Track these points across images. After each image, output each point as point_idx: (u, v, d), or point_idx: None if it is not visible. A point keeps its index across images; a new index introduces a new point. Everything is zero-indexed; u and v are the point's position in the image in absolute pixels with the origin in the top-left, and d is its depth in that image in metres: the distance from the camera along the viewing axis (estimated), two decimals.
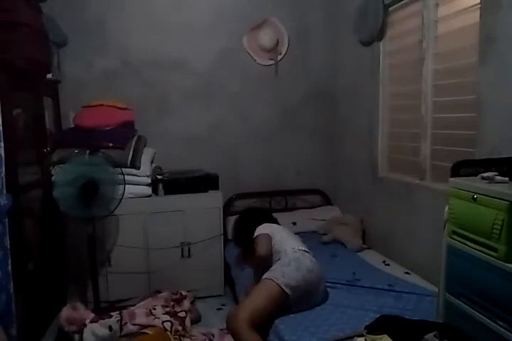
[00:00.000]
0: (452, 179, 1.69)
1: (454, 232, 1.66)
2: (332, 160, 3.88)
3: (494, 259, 1.44)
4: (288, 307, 2.13)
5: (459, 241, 1.63)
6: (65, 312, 2.45)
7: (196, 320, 2.73)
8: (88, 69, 3.35)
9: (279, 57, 3.69)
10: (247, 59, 3.64)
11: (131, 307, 2.53)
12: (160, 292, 2.78)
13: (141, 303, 2.60)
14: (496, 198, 1.42)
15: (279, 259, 2.28)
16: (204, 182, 3.20)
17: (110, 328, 2.33)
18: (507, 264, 1.39)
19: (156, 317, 2.43)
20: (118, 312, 2.44)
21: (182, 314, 2.57)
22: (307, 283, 2.16)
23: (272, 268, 2.24)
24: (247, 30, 3.60)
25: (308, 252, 2.34)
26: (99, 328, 2.33)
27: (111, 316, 2.40)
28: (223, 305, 2.99)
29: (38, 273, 2.54)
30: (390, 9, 2.97)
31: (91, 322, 2.37)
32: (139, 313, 2.44)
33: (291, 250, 2.29)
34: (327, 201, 3.91)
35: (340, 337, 1.85)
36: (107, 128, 3.05)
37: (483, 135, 2.12)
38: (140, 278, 2.97)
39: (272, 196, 3.78)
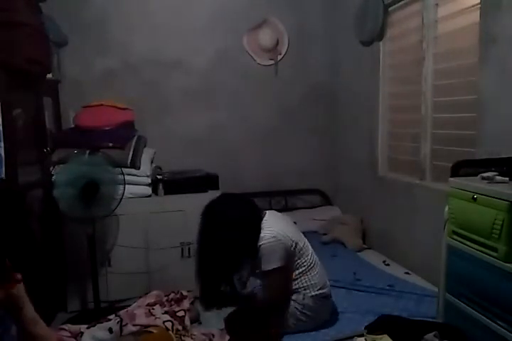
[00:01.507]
0: (452, 179, 1.69)
1: (454, 232, 1.66)
2: (332, 160, 3.88)
3: (494, 259, 1.44)
4: None
5: (459, 241, 1.63)
6: None
7: (195, 320, 2.72)
8: (88, 69, 3.36)
9: (279, 57, 3.70)
10: (247, 59, 3.64)
11: (128, 308, 2.52)
12: None
13: (135, 304, 2.59)
14: (496, 198, 1.42)
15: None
16: (204, 182, 3.20)
17: (110, 330, 2.31)
18: (507, 264, 1.39)
19: (157, 317, 2.42)
20: (114, 314, 2.43)
21: (181, 313, 2.56)
22: (318, 324, 1.98)
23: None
24: (246, 30, 3.60)
25: (329, 295, 2.01)
26: (99, 331, 2.31)
27: (109, 320, 2.39)
28: None
29: (38, 274, 2.53)
30: (390, 9, 2.97)
31: (88, 328, 2.35)
32: (139, 314, 2.42)
33: (309, 298, 1.92)
34: (327, 201, 3.92)
35: (340, 337, 1.85)
36: (107, 128, 3.05)
37: (483, 135, 2.12)
38: (140, 278, 2.96)
39: (272, 196, 3.78)
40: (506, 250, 1.39)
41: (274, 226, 1.87)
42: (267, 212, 1.98)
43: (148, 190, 3.02)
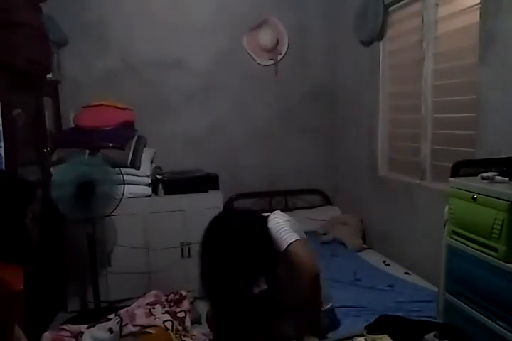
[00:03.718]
0: (452, 179, 1.69)
1: (454, 232, 1.66)
2: (332, 160, 3.88)
3: (494, 259, 1.44)
4: None
5: (459, 241, 1.63)
6: (49, 335, 2.29)
7: (196, 320, 2.72)
8: (88, 69, 3.36)
9: (279, 57, 3.69)
10: (247, 59, 3.64)
11: (128, 308, 2.51)
12: None
13: (134, 304, 2.59)
14: (496, 198, 1.42)
15: None
16: (204, 182, 3.20)
17: (111, 330, 2.31)
18: (507, 264, 1.39)
19: (157, 317, 2.42)
20: (114, 314, 2.42)
21: (181, 314, 2.56)
22: None
23: None
24: (247, 30, 3.60)
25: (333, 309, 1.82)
26: (99, 331, 2.30)
27: (109, 319, 2.38)
28: None
29: (38, 273, 2.53)
30: (390, 9, 2.97)
31: (88, 328, 2.35)
32: (139, 314, 2.43)
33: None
34: (327, 201, 3.91)
35: (340, 337, 1.85)
36: (107, 128, 3.05)
37: (483, 135, 2.12)
38: (140, 278, 2.96)
39: (272, 196, 3.78)
40: (506, 250, 1.39)
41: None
42: (272, 214, 1.67)
43: (148, 190, 3.03)
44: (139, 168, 2.98)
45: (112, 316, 2.40)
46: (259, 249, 1.41)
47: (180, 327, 2.44)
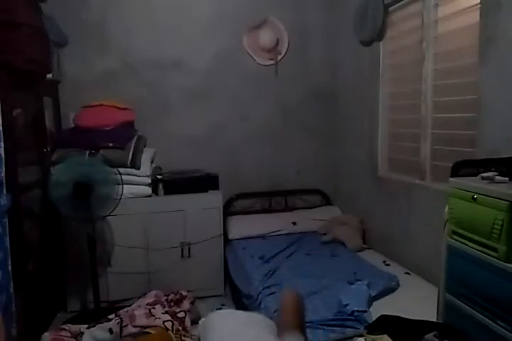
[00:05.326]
0: (452, 179, 1.68)
1: (454, 232, 1.66)
2: (332, 160, 3.88)
3: (494, 259, 1.44)
4: None
5: (459, 241, 1.63)
6: (48, 335, 2.29)
7: (196, 321, 2.72)
8: (88, 69, 3.36)
9: (279, 57, 3.69)
10: (246, 59, 3.64)
11: (128, 308, 2.51)
12: None
13: (135, 304, 2.59)
14: (496, 198, 1.42)
15: None
16: (204, 182, 3.20)
17: (111, 331, 2.31)
18: (507, 264, 1.39)
19: (157, 318, 2.42)
20: (114, 314, 2.42)
21: (181, 314, 2.56)
22: None
23: None
24: (246, 30, 3.60)
25: None
26: (99, 332, 2.31)
27: (109, 319, 2.38)
28: (223, 305, 2.99)
29: (38, 273, 2.54)
30: (390, 9, 2.97)
31: (88, 328, 2.34)
32: (139, 314, 2.43)
33: None
34: (327, 201, 3.92)
35: (341, 337, 1.85)
36: (107, 128, 3.05)
37: (483, 135, 2.12)
38: (140, 278, 2.97)
39: (272, 196, 3.78)
40: (506, 250, 1.39)
41: None
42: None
43: (148, 190, 3.03)
44: (139, 168, 2.98)
45: (112, 316, 2.40)
46: None
47: (180, 328, 2.44)
